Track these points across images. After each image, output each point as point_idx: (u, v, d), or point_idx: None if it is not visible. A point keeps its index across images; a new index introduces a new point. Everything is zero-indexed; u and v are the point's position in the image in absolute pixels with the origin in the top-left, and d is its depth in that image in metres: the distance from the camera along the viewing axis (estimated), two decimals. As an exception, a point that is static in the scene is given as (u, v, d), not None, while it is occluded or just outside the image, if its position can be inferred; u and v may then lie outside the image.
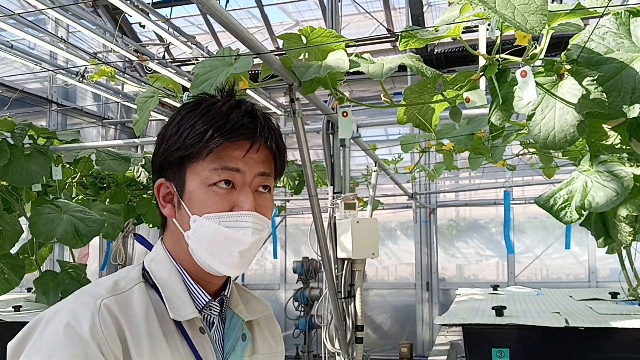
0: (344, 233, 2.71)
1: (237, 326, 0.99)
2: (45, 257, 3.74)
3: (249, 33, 1.73)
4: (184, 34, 4.70)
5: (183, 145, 0.91)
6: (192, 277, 0.95)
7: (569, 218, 2.30)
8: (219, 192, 0.91)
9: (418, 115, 1.90)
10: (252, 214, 0.91)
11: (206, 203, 0.90)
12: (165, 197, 0.96)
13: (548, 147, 1.40)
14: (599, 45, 1.35)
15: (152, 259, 0.97)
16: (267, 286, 8.46)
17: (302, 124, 2.10)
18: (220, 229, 0.90)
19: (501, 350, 2.14)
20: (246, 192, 0.92)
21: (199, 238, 0.91)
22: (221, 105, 0.93)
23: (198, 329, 0.92)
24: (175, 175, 0.94)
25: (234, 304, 1.01)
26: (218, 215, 0.90)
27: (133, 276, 0.94)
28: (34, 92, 6.50)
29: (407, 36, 1.62)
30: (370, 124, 3.30)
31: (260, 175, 0.94)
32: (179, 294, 0.92)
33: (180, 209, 0.93)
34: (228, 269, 0.92)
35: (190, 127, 0.91)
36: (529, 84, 1.40)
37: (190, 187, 0.92)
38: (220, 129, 0.89)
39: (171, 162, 0.93)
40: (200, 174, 0.91)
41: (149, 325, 0.87)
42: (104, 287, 0.90)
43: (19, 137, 3.05)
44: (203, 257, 0.92)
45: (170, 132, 0.94)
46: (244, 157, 0.91)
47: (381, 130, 8.05)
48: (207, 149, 0.90)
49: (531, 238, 7.61)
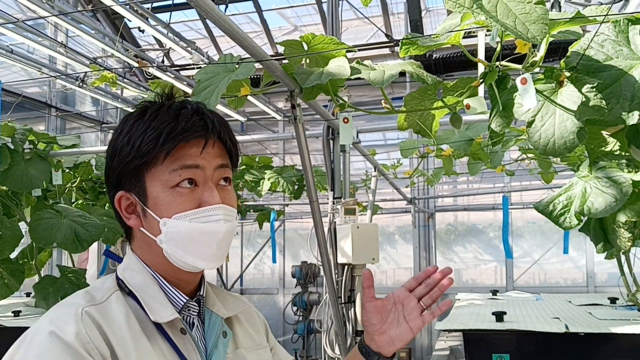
0: (344, 238, 2.72)
1: (217, 324, 1.00)
2: (44, 261, 3.74)
3: (250, 39, 1.74)
4: (184, 38, 4.71)
5: (138, 153, 0.91)
6: (167, 280, 0.96)
7: (568, 224, 2.31)
8: (183, 192, 0.92)
9: (418, 122, 1.91)
10: (221, 206, 0.93)
11: (173, 205, 0.91)
12: (127, 208, 0.96)
13: (548, 154, 1.41)
14: (598, 52, 1.35)
15: (124, 268, 0.97)
16: (265, 291, 8.45)
17: (303, 130, 2.11)
18: (193, 226, 0.91)
19: (501, 356, 2.15)
20: (210, 187, 0.93)
21: (173, 239, 0.92)
22: (167, 109, 0.94)
23: (179, 330, 0.94)
24: (135, 185, 0.94)
25: (210, 303, 1.02)
26: (188, 213, 0.91)
27: (109, 285, 0.95)
28: (34, 97, 6.50)
29: (408, 43, 1.62)
30: (369, 129, 3.31)
31: (220, 168, 0.95)
32: (157, 297, 0.94)
33: (147, 217, 0.93)
34: (207, 263, 0.94)
35: (142, 135, 0.91)
36: (529, 91, 1.41)
37: (154, 193, 0.92)
38: (173, 131, 0.90)
39: (128, 173, 0.93)
40: (160, 178, 0.92)
41: (131, 329, 0.89)
42: (82, 297, 0.91)
43: (19, 142, 3.05)
44: (179, 256, 0.93)
45: (121, 143, 0.94)
46: (202, 154, 0.92)
47: (380, 135, 8.06)
48: (164, 153, 0.90)
49: (529, 243, 7.62)
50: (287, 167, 4.38)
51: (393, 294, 1.11)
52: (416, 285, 1.10)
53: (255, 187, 4.30)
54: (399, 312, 1.09)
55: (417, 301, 1.08)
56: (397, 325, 1.09)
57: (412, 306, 1.08)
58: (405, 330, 1.08)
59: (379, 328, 1.09)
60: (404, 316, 1.08)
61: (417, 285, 1.10)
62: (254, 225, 6.99)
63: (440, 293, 1.08)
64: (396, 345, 1.08)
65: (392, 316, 1.09)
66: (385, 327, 1.09)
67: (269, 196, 6.99)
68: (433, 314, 1.08)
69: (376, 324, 1.10)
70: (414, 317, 1.07)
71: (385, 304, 1.10)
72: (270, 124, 7.93)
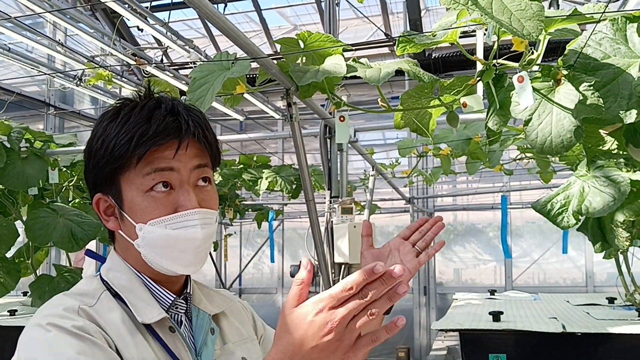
0: (341, 237, 2.70)
1: (205, 321, 0.99)
2: (41, 261, 3.73)
3: (246, 37, 1.73)
4: (182, 37, 4.70)
5: (111, 158, 0.89)
6: (152, 279, 0.95)
7: (566, 223, 2.30)
8: (158, 196, 0.89)
9: (415, 120, 1.89)
10: (197, 211, 0.90)
11: (148, 210, 0.89)
12: (106, 210, 0.95)
13: (545, 152, 1.40)
14: (595, 50, 1.35)
15: (108, 269, 0.96)
16: (264, 290, 8.45)
17: (299, 129, 2.09)
18: (168, 232, 0.89)
19: (498, 356, 2.14)
20: (186, 190, 0.91)
21: (149, 245, 0.90)
22: (140, 110, 0.91)
23: (168, 328, 0.92)
24: (111, 188, 0.92)
25: (197, 300, 1.01)
26: (163, 219, 0.89)
27: (96, 286, 0.93)
28: (32, 95, 6.50)
29: (405, 41, 1.61)
30: (367, 128, 3.30)
31: (197, 169, 0.93)
32: (143, 297, 0.92)
33: (124, 220, 0.92)
34: (185, 268, 0.92)
35: (114, 138, 0.89)
36: (526, 89, 1.40)
37: (129, 197, 0.90)
38: (144, 135, 0.88)
39: (103, 176, 0.92)
40: (134, 182, 0.90)
41: (127, 326, 0.88)
42: (71, 299, 0.89)
43: (15, 141, 3.04)
44: (157, 261, 0.91)
45: (96, 146, 0.92)
46: (176, 156, 0.90)
47: (379, 134, 8.06)
48: (136, 157, 0.88)
49: (529, 242, 7.61)
50: (285, 166, 4.37)
51: (389, 243, 1.13)
52: (410, 234, 1.13)
53: (252, 186, 4.29)
54: (396, 257, 1.11)
55: (412, 246, 1.11)
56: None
57: (407, 250, 1.11)
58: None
59: None
60: (401, 260, 1.10)
61: (411, 234, 1.13)
62: (253, 225, 6.99)
63: (433, 236, 1.11)
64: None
65: (389, 262, 1.10)
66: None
67: (268, 196, 6.98)
68: (428, 254, 1.10)
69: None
70: (410, 259, 1.10)
71: (383, 251, 1.12)
72: (270, 123, 7.92)
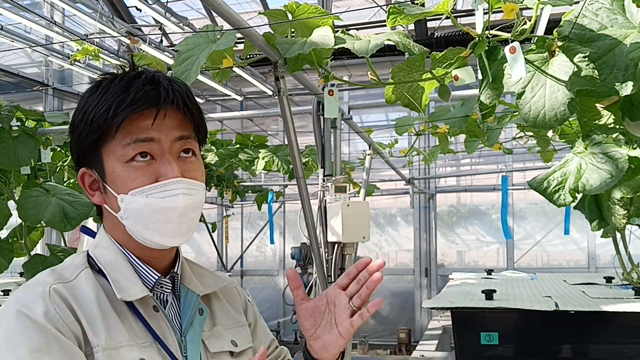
0: (334, 216, 2.67)
1: (193, 301, 0.97)
2: (36, 241, 3.71)
3: (228, 6, 1.69)
4: (175, 14, 4.64)
5: (91, 129, 0.89)
6: (138, 257, 0.94)
7: (562, 201, 2.26)
8: (139, 166, 0.89)
9: (407, 95, 1.86)
10: (179, 180, 0.89)
11: (128, 180, 0.89)
12: (91, 185, 0.95)
13: (538, 126, 1.38)
14: (592, 21, 1.34)
15: (96, 245, 0.96)
16: (265, 272, 8.47)
17: (287, 103, 2.06)
18: (149, 202, 0.88)
19: (490, 334, 2.11)
20: (167, 160, 0.90)
21: (132, 216, 0.90)
22: (120, 80, 0.91)
23: (151, 307, 0.92)
24: (94, 161, 0.92)
25: (187, 280, 0.99)
26: (144, 189, 0.88)
27: (78, 262, 0.93)
28: (31, 77, 6.47)
29: (395, 12, 1.58)
30: (361, 105, 3.25)
31: (179, 140, 0.92)
32: (126, 274, 0.92)
33: (107, 193, 0.92)
34: (169, 239, 0.91)
35: (94, 109, 0.89)
36: (518, 61, 1.38)
37: (110, 169, 0.90)
38: (122, 103, 0.87)
39: (86, 149, 0.92)
40: (115, 152, 0.90)
41: (101, 307, 0.87)
42: (49, 275, 0.90)
43: (6, 119, 3.01)
44: (141, 233, 0.90)
45: (78, 119, 0.92)
46: (154, 125, 0.89)
47: (382, 115, 7.99)
48: (115, 126, 0.88)
49: (532, 224, 7.58)
50: (282, 146, 4.33)
51: (326, 292, 1.01)
52: (348, 281, 0.99)
53: (249, 166, 4.26)
54: (332, 313, 0.99)
55: (347, 300, 0.98)
56: (329, 329, 0.99)
57: (342, 306, 0.98)
58: (336, 336, 0.99)
59: (312, 333, 1.00)
60: (335, 321, 0.99)
61: (349, 282, 0.99)
62: (254, 207, 6.97)
63: (369, 292, 0.97)
64: (330, 352, 0.99)
65: (325, 319, 1.00)
66: (319, 331, 1.00)
67: (270, 177, 6.96)
68: (362, 316, 0.96)
69: (310, 329, 1.01)
70: (343, 319, 0.97)
71: (319, 304, 1.00)
72: (271, 104, 7.87)
